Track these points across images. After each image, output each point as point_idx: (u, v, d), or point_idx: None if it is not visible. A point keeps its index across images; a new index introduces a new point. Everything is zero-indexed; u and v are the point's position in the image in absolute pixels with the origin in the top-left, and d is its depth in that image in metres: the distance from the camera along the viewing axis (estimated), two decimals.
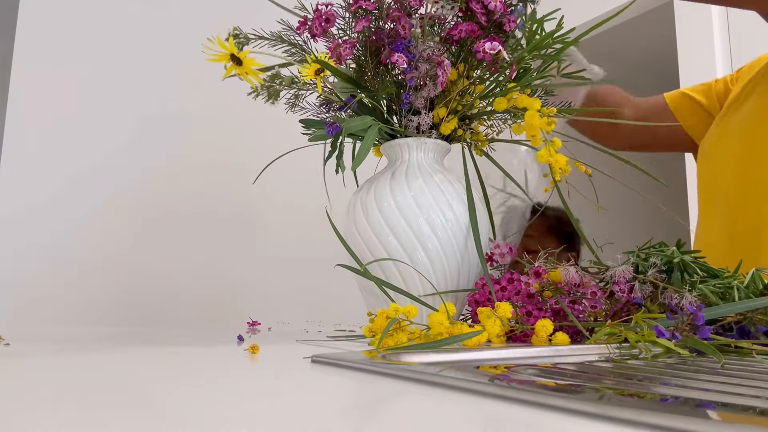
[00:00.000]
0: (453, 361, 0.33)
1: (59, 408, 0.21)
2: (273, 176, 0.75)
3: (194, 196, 1.27)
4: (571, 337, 0.44)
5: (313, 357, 0.34)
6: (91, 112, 1.17)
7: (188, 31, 1.28)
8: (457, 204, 0.56)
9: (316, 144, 0.60)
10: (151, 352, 0.43)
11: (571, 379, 0.26)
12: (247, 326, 0.77)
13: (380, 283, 0.51)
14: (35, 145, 1.11)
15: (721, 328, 0.42)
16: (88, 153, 1.16)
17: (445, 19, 0.59)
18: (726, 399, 0.21)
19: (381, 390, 0.25)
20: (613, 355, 0.36)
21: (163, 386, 0.27)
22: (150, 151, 1.23)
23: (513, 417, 0.19)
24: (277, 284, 1.33)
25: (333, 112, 0.62)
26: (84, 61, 1.17)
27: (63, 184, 1.13)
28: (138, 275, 1.18)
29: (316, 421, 0.19)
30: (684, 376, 0.28)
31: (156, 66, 1.26)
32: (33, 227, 1.09)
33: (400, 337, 0.39)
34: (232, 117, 1.31)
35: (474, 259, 0.57)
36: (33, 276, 1.07)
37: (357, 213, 0.58)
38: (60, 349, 0.44)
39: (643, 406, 0.19)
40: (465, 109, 0.60)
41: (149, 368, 0.34)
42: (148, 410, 0.21)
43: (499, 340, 0.42)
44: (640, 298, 0.47)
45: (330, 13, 0.56)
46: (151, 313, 1.18)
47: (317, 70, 0.54)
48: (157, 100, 1.25)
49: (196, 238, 1.26)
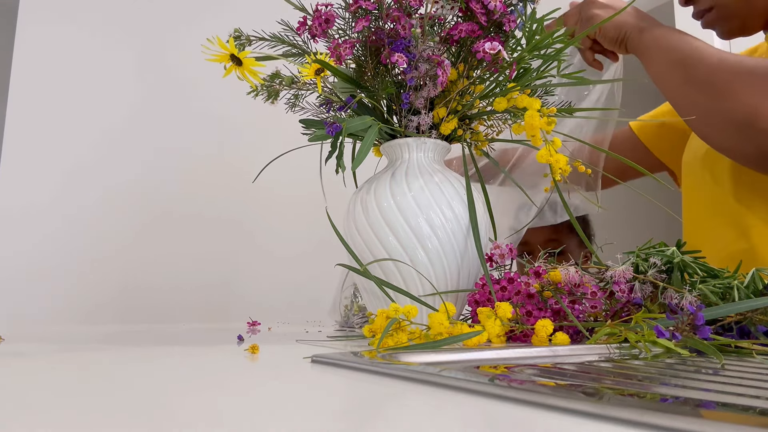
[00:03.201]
0: (453, 361, 0.33)
1: (59, 408, 0.21)
2: (273, 175, 0.75)
3: (194, 195, 1.27)
4: (571, 337, 0.44)
5: (313, 357, 0.34)
6: (90, 110, 1.17)
7: (188, 30, 1.28)
8: (457, 204, 0.56)
9: (315, 144, 0.60)
10: (151, 352, 0.43)
11: (571, 379, 0.26)
12: (247, 326, 0.77)
13: (380, 283, 0.51)
14: (34, 143, 1.11)
15: (721, 328, 0.42)
16: (87, 151, 1.16)
17: (445, 19, 0.59)
18: (726, 399, 0.21)
19: (381, 390, 0.25)
20: (613, 355, 0.36)
21: (163, 386, 0.27)
22: (150, 149, 1.23)
23: (513, 417, 0.19)
24: (278, 284, 1.33)
25: (333, 112, 0.62)
26: (83, 59, 1.17)
27: (61, 182, 1.13)
28: (137, 275, 1.18)
29: (316, 421, 0.19)
30: (684, 376, 0.28)
31: (156, 64, 1.26)
32: (31, 225, 1.09)
33: (400, 337, 0.39)
34: (233, 115, 1.31)
35: (474, 259, 0.57)
36: (31, 274, 1.07)
37: (357, 213, 0.58)
38: (58, 349, 0.44)
39: (643, 406, 0.18)
40: (465, 109, 0.60)
41: (149, 368, 0.34)
42: (148, 410, 0.21)
43: (499, 340, 0.42)
44: (640, 298, 0.47)
45: (330, 13, 0.56)
46: (150, 313, 1.18)
47: (317, 70, 0.54)
48: (156, 98, 1.25)
49: (197, 237, 1.26)
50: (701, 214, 0.82)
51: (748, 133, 0.62)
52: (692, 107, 0.66)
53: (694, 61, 0.65)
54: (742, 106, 0.62)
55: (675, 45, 0.67)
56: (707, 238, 0.79)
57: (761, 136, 0.61)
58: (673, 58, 0.67)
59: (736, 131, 0.63)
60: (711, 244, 0.78)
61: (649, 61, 0.70)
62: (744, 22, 0.76)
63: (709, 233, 0.80)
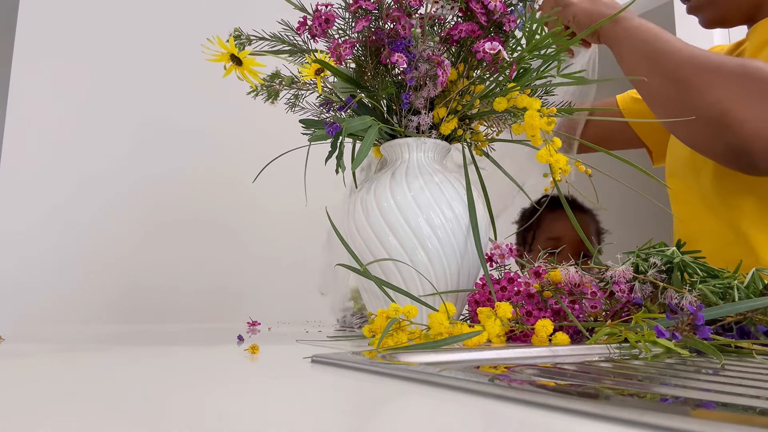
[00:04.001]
0: (453, 361, 0.33)
1: (58, 408, 0.21)
2: (273, 175, 0.75)
3: (194, 198, 1.27)
4: (571, 337, 0.44)
5: (313, 357, 0.34)
6: (90, 115, 1.17)
7: (189, 33, 1.28)
8: (457, 204, 0.56)
9: (314, 144, 0.60)
10: (151, 352, 0.43)
11: (571, 379, 0.26)
12: (247, 326, 0.77)
13: (380, 283, 0.51)
14: (35, 146, 1.11)
15: (721, 328, 0.42)
16: (88, 156, 1.16)
17: (445, 19, 0.59)
18: (726, 399, 0.21)
19: (381, 390, 0.25)
20: (613, 355, 0.36)
21: (163, 386, 0.27)
22: (151, 154, 1.23)
23: (513, 417, 0.19)
24: (277, 284, 1.33)
25: (333, 112, 0.62)
26: (83, 64, 1.17)
27: (63, 187, 1.13)
28: (139, 277, 1.18)
29: (316, 421, 0.19)
30: (684, 376, 0.28)
31: (156, 67, 1.26)
32: (33, 228, 1.09)
33: (400, 337, 0.39)
34: (233, 117, 1.31)
35: (474, 259, 0.57)
36: (32, 275, 1.07)
37: (357, 213, 0.58)
38: (58, 349, 0.44)
39: (643, 406, 0.18)
40: (465, 109, 0.60)
41: (149, 368, 0.34)
42: (148, 411, 0.21)
43: (499, 340, 0.42)
44: (640, 298, 0.47)
45: (329, 13, 0.56)
46: (150, 314, 1.18)
47: (317, 70, 0.54)
48: (156, 101, 1.25)
49: (197, 239, 1.26)
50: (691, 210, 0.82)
51: (717, 129, 0.62)
52: (660, 100, 0.67)
53: (665, 54, 0.65)
54: (709, 102, 0.62)
55: (646, 38, 0.68)
56: (699, 234, 0.80)
57: (729, 133, 0.61)
58: (644, 51, 0.67)
59: (705, 127, 0.63)
60: (703, 240, 0.78)
61: (620, 52, 0.71)
62: (726, 13, 0.78)
63: (699, 228, 0.80)
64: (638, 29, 0.69)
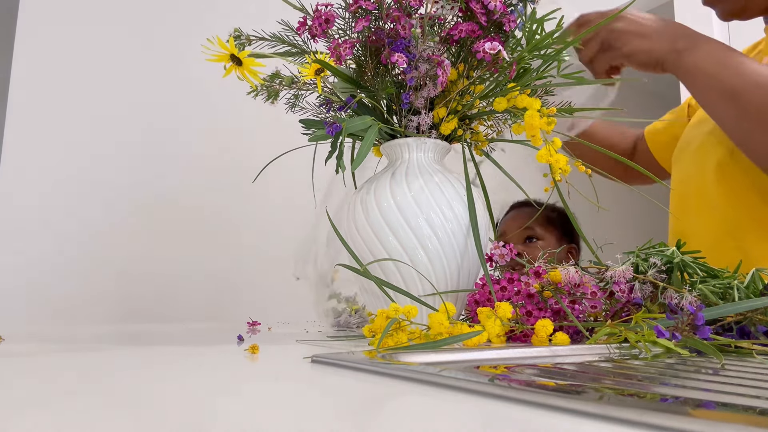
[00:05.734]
0: (453, 361, 0.33)
1: (58, 408, 0.21)
2: (274, 175, 0.75)
3: (194, 197, 1.27)
4: (571, 337, 0.44)
5: (313, 357, 0.34)
6: (90, 115, 1.17)
7: (189, 32, 1.28)
8: (457, 204, 0.56)
9: (314, 144, 0.60)
10: (151, 351, 0.43)
11: (571, 379, 0.26)
12: (247, 326, 0.77)
13: (380, 283, 0.51)
14: (34, 144, 1.10)
15: (721, 328, 0.42)
16: (88, 156, 1.16)
17: (445, 19, 0.59)
18: (726, 399, 0.21)
19: (381, 390, 0.25)
20: (613, 355, 0.36)
21: (163, 386, 0.27)
22: (151, 154, 1.23)
23: (513, 417, 0.19)
24: (277, 284, 1.32)
25: (333, 112, 0.62)
26: (83, 64, 1.17)
27: (62, 184, 1.13)
28: (138, 276, 1.18)
29: (316, 421, 0.19)
30: (684, 376, 0.28)
31: (155, 67, 1.26)
32: (31, 227, 1.09)
33: (400, 337, 0.39)
34: (232, 117, 1.31)
35: (474, 259, 0.57)
36: (32, 275, 1.07)
37: (357, 213, 0.58)
38: (58, 349, 0.44)
39: (643, 406, 0.18)
40: (465, 109, 0.60)
41: (149, 368, 0.34)
42: (148, 411, 0.21)
43: (499, 340, 0.42)
44: (640, 298, 0.47)
45: (330, 13, 0.56)
46: (150, 314, 1.18)
47: (317, 70, 0.54)
48: (156, 101, 1.25)
49: (197, 238, 1.26)
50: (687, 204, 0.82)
51: None
52: (750, 140, 0.64)
53: (747, 92, 0.61)
54: None
55: (721, 72, 0.63)
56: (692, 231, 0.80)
57: None
58: (722, 89, 0.63)
59: None
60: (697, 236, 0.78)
61: (693, 87, 0.66)
62: (746, 3, 0.75)
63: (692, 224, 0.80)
64: (708, 61, 0.64)
